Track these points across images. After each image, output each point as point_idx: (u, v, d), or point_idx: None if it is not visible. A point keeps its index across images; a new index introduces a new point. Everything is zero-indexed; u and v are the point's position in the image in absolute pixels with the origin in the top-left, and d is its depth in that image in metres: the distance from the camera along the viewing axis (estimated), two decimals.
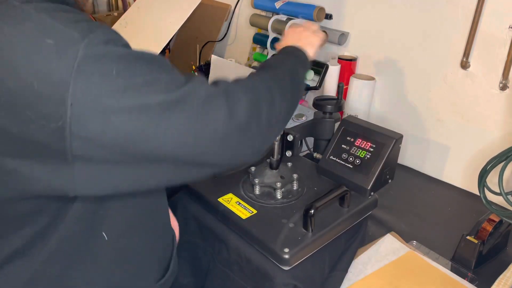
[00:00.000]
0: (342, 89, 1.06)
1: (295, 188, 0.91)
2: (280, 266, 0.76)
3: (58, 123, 0.45)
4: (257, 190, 0.89)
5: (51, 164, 0.48)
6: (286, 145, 1.03)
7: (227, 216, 0.85)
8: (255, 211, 0.84)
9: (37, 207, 0.54)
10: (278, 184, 0.87)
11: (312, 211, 0.77)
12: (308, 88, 0.98)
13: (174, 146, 0.51)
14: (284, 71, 0.71)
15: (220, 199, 0.88)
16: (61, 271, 0.59)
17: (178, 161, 0.54)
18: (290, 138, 1.02)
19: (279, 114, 0.64)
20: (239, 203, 0.87)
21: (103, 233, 0.62)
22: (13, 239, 0.56)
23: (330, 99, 1.09)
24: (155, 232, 0.72)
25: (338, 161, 0.96)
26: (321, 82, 0.90)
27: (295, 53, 0.78)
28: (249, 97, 0.58)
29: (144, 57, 0.51)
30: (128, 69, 0.48)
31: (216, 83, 0.60)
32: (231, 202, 0.87)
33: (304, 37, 0.82)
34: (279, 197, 0.88)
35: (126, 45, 0.51)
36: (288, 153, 1.03)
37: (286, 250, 0.74)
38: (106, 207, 0.60)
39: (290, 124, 1.24)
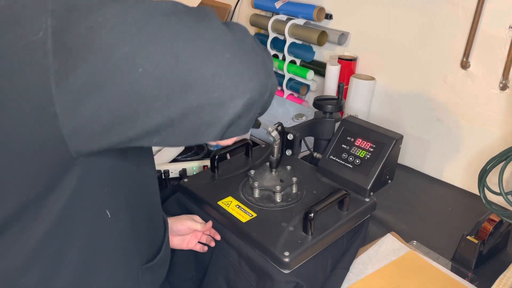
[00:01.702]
0: (342, 89, 1.06)
1: (294, 191, 0.90)
2: (281, 270, 0.76)
3: (39, 34, 0.42)
4: (256, 193, 0.89)
5: (36, 109, 0.45)
6: (286, 144, 1.03)
7: (227, 219, 0.85)
8: (254, 215, 0.84)
9: (27, 177, 0.50)
10: (278, 188, 0.87)
11: (312, 214, 0.77)
12: None
13: (165, 62, 0.43)
14: None
15: (219, 202, 0.88)
16: (58, 250, 0.57)
17: (168, 84, 0.44)
18: (290, 137, 1.02)
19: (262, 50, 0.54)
20: (239, 206, 0.87)
21: (107, 211, 0.60)
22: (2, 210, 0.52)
23: (330, 99, 1.09)
24: (147, 212, 0.71)
25: (338, 161, 0.96)
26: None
27: None
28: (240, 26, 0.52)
29: None
30: None
31: None
32: (230, 205, 0.87)
33: None
34: (278, 201, 0.87)
35: None
36: (288, 152, 1.03)
37: (286, 253, 0.74)
38: (108, 183, 0.59)
39: (290, 123, 1.24)
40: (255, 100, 0.48)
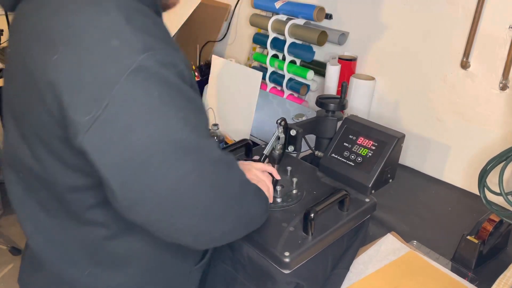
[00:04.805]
0: (345, 88, 1.06)
1: (294, 192, 0.90)
2: (281, 270, 0.75)
3: (90, 114, 0.50)
4: None
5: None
6: (289, 140, 1.02)
7: None
8: None
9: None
10: (278, 193, 0.87)
11: (312, 215, 0.76)
12: None
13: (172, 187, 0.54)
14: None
15: None
16: (129, 247, 0.67)
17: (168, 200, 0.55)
18: (293, 132, 1.01)
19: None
20: None
21: None
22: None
23: (333, 97, 1.09)
24: None
25: (340, 159, 0.96)
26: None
27: None
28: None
29: (186, 94, 0.55)
30: (169, 96, 0.53)
31: None
32: None
33: (253, 175, 0.82)
34: (278, 201, 0.87)
35: (180, 72, 0.55)
36: (291, 148, 1.03)
37: (287, 253, 0.74)
38: None
39: (292, 122, 1.24)
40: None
